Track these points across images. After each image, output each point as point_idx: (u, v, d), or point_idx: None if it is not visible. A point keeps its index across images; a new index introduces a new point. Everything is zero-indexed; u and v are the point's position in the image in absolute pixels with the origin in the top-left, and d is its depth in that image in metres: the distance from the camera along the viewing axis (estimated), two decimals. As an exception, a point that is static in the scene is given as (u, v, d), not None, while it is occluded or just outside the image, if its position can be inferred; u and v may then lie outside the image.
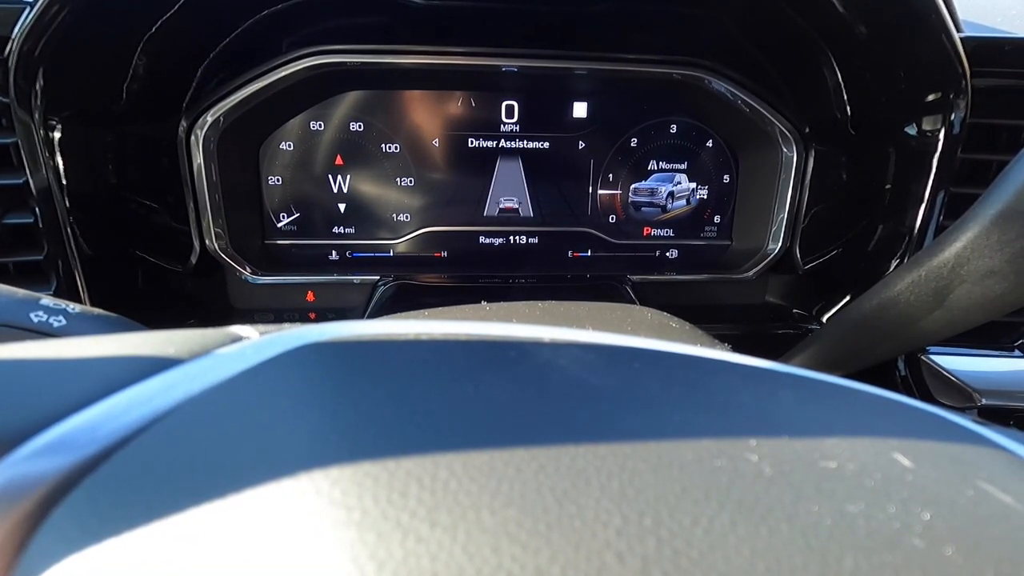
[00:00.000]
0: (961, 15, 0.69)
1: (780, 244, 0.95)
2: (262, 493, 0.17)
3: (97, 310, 0.43)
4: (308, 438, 0.19)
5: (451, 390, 0.22)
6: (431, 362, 0.24)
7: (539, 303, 0.49)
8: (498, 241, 0.98)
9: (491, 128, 0.93)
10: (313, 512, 0.16)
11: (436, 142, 0.93)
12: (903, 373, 0.77)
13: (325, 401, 0.21)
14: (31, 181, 0.66)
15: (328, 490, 0.17)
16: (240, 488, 0.17)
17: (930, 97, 0.73)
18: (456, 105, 0.92)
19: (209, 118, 0.81)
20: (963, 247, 0.49)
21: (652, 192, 0.98)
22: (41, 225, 0.67)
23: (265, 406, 0.20)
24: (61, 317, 0.39)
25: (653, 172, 0.98)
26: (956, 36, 0.68)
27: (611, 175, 0.97)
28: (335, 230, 0.95)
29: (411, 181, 0.94)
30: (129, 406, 0.21)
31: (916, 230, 0.75)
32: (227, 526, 0.16)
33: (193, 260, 0.85)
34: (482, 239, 0.98)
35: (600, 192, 0.98)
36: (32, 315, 0.38)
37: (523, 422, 0.20)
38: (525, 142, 0.94)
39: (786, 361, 0.68)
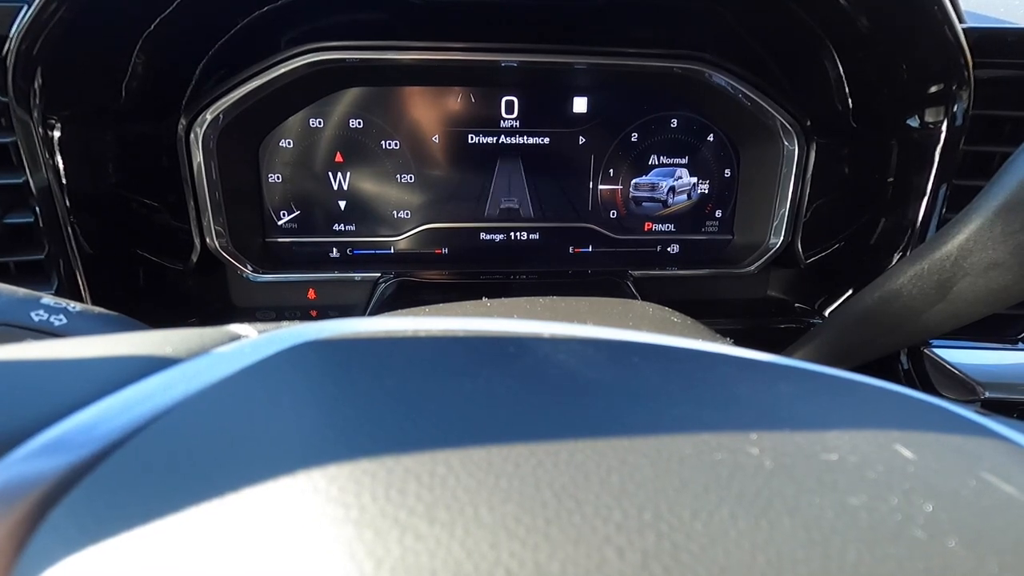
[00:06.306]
0: (963, 6, 0.69)
1: (782, 238, 0.95)
2: (260, 491, 0.17)
3: (98, 309, 0.43)
4: (306, 436, 0.19)
5: (449, 386, 0.21)
6: (429, 358, 0.23)
7: (540, 299, 0.49)
8: (499, 237, 0.98)
9: (491, 124, 0.93)
10: (311, 510, 0.16)
11: (436, 138, 0.92)
12: (906, 367, 0.77)
13: (323, 398, 0.20)
14: (31, 180, 0.66)
15: (326, 487, 0.17)
16: (238, 487, 0.17)
17: (932, 89, 0.72)
18: (456, 101, 0.91)
19: (208, 116, 0.81)
20: (966, 239, 0.49)
21: (653, 187, 0.98)
22: (41, 224, 0.67)
23: (263, 404, 0.20)
24: (62, 316, 0.39)
25: (654, 167, 0.97)
26: (959, 27, 0.67)
27: (612, 170, 0.97)
28: (336, 227, 0.95)
29: (411, 178, 0.93)
30: (127, 406, 0.21)
31: (919, 223, 0.75)
32: (225, 525, 0.16)
33: (194, 258, 0.85)
34: (483, 235, 0.98)
35: (601, 187, 0.97)
36: (33, 314, 0.38)
37: (521, 417, 0.20)
38: (525, 138, 0.94)
39: (788, 355, 0.67)
